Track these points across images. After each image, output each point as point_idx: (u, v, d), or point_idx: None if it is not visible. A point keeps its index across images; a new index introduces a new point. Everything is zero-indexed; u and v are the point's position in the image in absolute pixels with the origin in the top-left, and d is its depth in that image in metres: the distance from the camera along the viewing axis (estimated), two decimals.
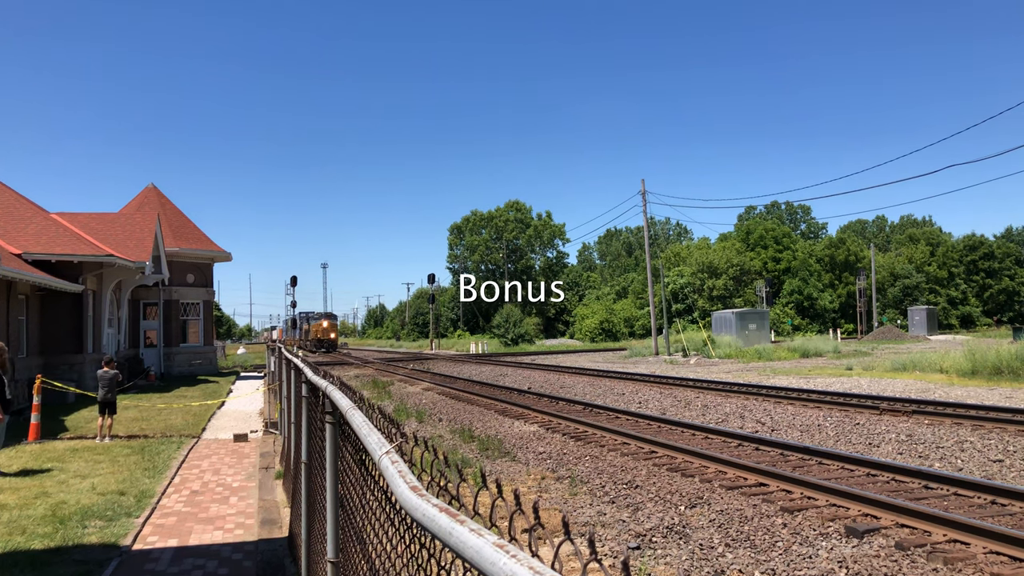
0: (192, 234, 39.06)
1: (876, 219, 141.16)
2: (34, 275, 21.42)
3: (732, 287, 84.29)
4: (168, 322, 36.95)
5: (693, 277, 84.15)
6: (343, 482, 3.23)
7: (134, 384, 28.56)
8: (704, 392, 23.29)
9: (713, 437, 14.30)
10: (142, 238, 29.67)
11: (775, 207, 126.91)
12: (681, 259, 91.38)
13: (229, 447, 14.82)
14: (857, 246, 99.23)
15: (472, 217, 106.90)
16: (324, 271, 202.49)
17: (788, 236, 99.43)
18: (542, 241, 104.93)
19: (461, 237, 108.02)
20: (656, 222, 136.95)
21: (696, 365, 38.76)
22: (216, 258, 39.93)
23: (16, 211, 26.26)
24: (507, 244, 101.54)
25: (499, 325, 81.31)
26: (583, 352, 62.32)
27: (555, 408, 19.68)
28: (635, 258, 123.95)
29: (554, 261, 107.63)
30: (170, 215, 38.50)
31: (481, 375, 34.50)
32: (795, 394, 20.88)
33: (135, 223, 31.10)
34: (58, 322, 25.15)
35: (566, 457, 13.03)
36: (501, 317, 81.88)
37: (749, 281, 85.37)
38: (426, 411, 20.42)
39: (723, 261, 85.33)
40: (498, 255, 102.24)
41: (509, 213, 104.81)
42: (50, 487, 10.61)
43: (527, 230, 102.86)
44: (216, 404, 22.61)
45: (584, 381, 29.23)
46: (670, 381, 26.80)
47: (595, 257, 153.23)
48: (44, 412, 16.19)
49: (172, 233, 37.04)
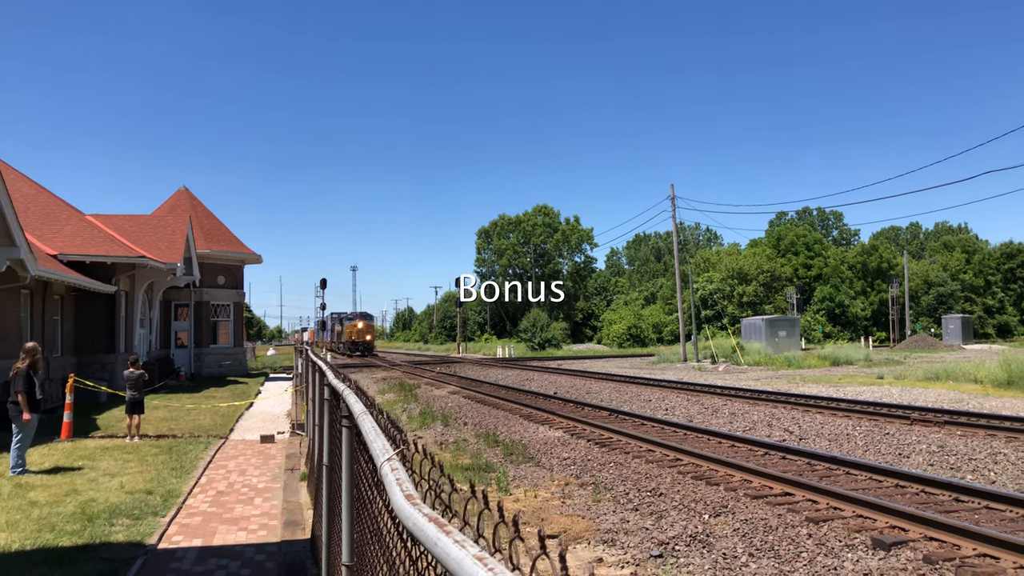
0: (223, 236, 39.54)
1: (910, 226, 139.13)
2: (69, 276, 21.79)
3: (762, 294, 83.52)
4: (199, 323, 37.41)
5: (723, 283, 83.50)
6: (359, 486, 3.25)
7: (164, 384, 28.94)
8: (732, 399, 23.08)
9: (740, 445, 14.17)
10: (174, 240, 30.09)
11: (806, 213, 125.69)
12: (711, 265, 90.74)
13: (256, 448, 14.96)
14: (890, 253, 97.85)
15: (500, 221, 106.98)
16: (354, 274, 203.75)
17: (819, 242, 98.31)
18: (570, 246, 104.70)
19: (489, 241, 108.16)
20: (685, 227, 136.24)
21: (724, 372, 38.45)
22: (247, 260, 40.37)
23: (53, 213, 26.77)
24: (534, 248, 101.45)
25: (526, 329, 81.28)
26: (610, 358, 62.07)
27: (580, 414, 19.63)
28: (664, 263, 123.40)
29: (582, 266, 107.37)
30: (202, 217, 39.02)
31: (507, 379, 34.50)
32: (824, 403, 20.64)
33: (167, 225, 31.54)
34: (91, 322, 25.59)
35: (590, 463, 12.99)
36: (528, 321, 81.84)
37: (779, 288, 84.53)
38: (452, 415, 20.47)
39: (753, 267, 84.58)
40: (525, 259, 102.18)
41: (537, 217, 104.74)
42: (80, 485, 10.78)
43: (555, 235, 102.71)
44: (244, 405, 22.83)
45: (610, 387, 29.11)
46: (698, 388, 26.61)
47: (623, 262, 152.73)
48: (76, 411, 16.46)
49: (203, 235, 37.52)
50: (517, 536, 0.92)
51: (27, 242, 18.06)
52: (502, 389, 28.16)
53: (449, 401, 24.70)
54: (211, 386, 30.63)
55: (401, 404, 23.74)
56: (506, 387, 28.88)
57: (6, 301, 20.11)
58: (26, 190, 26.98)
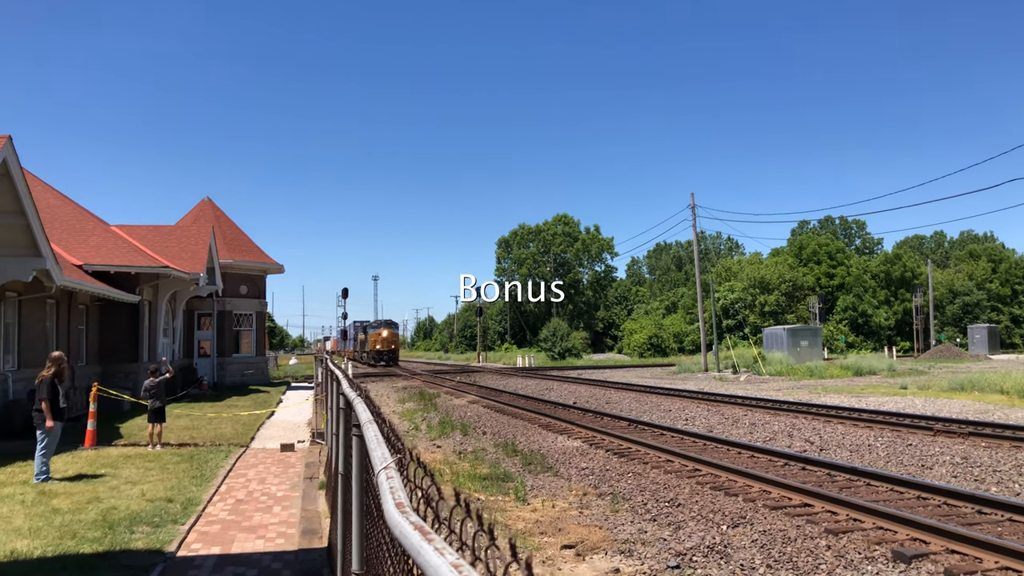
0: (246, 247, 39.89)
1: (934, 234, 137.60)
2: (94, 286, 22.09)
3: (784, 303, 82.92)
4: (221, 332, 37.73)
5: (744, 292, 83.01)
6: (368, 494, 3.27)
7: (187, 393, 29.19)
8: (752, 410, 22.93)
9: (759, 456, 14.07)
10: (197, 250, 30.40)
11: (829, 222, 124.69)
12: (732, 274, 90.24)
13: (276, 456, 15.05)
14: (914, 262, 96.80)
15: (520, 231, 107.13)
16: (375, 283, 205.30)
17: (842, 251, 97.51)
18: (590, 255, 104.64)
19: (509, 250, 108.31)
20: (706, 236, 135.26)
21: (746, 382, 38.20)
22: (269, 270, 40.70)
23: (79, 224, 27.15)
24: (555, 258, 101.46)
25: (546, 339, 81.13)
26: (631, 367, 61.85)
27: (599, 424, 19.58)
28: (685, 272, 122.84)
29: (602, 275, 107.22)
30: (224, 228, 39.40)
31: (527, 389, 34.47)
32: (846, 413, 20.46)
33: (191, 235, 31.89)
34: (115, 331, 25.89)
35: (609, 473, 12.95)
36: (548, 331, 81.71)
37: (802, 297, 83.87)
38: (471, 424, 20.48)
39: (775, 276, 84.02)
40: (545, 268, 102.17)
41: (557, 227, 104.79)
42: (102, 492, 10.90)
43: (575, 244, 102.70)
44: (265, 414, 22.98)
45: (630, 397, 29.01)
46: (718, 398, 26.46)
47: (644, 271, 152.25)
48: (100, 419, 16.64)
49: (226, 246, 37.87)
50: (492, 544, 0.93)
51: (53, 252, 18.32)
52: (521, 399, 28.15)
53: (469, 410, 24.72)
54: (233, 395, 30.86)
55: (421, 413, 23.78)
56: (525, 396, 28.87)
57: (32, 311, 20.40)
58: (52, 201, 27.39)
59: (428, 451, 16.15)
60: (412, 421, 21.80)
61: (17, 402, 18.07)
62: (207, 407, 24.88)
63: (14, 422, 17.41)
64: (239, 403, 26.95)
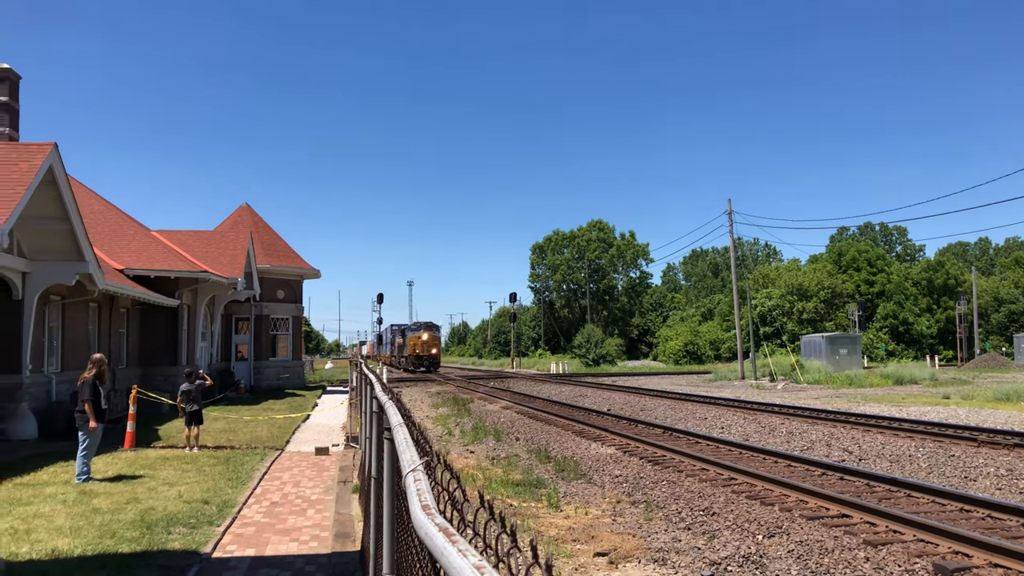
0: (283, 252, 40.38)
1: (979, 241, 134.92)
2: (135, 290, 22.51)
3: (823, 310, 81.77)
4: (258, 336, 38.19)
5: (782, 299, 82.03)
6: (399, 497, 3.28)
7: (224, 396, 29.58)
8: (790, 418, 22.64)
9: (796, 465, 13.87)
10: (235, 255, 30.83)
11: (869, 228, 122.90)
12: (770, 281, 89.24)
13: (310, 460, 15.18)
14: (957, 269, 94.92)
15: (554, 236, 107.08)
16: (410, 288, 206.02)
17: (882, 258, 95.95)
18: (625, 261, 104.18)
19: (543, 256, 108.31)
20: (744, 242, 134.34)
21: (783, 391, 37.74)
22: (305, 275, 41.14)
23: (121, 229, 27.71)
24: (589, 264, 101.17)
25: (580, 345, 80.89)
26: (666, 375, 61.42)
27: (634, 431, 19.48)
28: (722, 279, 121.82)
29: (637, 281, 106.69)
30: (262, 233, 39.91)
31: (560, 395, 34.40)
32: (886, 422, 20.11)
33: (229, 241, 32.36)
34: (155, 335, 26.33)
35: (643, 481, 12.86)
36: (582, 337, 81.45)
37: (841, 304, 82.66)
38: (504, 429, 20.48)
39: (814, 283, 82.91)
40: (579, 275, 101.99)
41: (591, 232, 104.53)
42: (141, 493, 11.08)
43: (610, 250, 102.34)
44: (301, 417, 23.20)
45: (665, 404, 28.80)
46: (755, 406, 26.16)
47: (680, 278, 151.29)
48: (139, 421, 16.94)
49: (264, 251, 38.36)
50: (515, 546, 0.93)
51: (95, 257, 18.72)
52: (555, 405, 28.09)
53: (502, 416, 24.72)
54: (269, 398, 31.20)
55: (454, 418, 23.84)
56: (559, 403, 28.80)
57: (75, 314, 20.85)
58: (95, 207, 27.98)
59: (461, 456, 16.17)
60: (445, 426, 21.86)
61: (60, 403, 18.48)
62: (243, 410, 25.19)
63: (57, 423, 17.80)
64: (275, 406, 27.25)
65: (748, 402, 27.74)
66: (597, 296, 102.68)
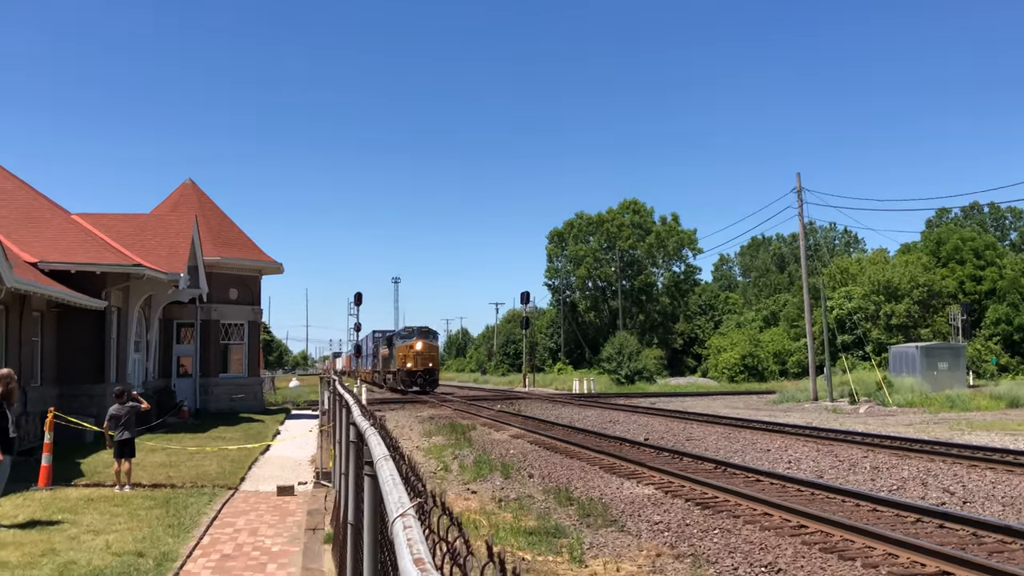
0: (236, 240, 40.45)
1: None
2: (50, 288, 22.60)
3: (917, 314, 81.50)
4: (206, 347, 38.29)
5: (865, 300, 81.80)
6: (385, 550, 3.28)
7: (163, 422, 29.70)
8: (875, 450, 22.66)
9: (883, 509, 13.88)
10: (176, 245, 30.94)
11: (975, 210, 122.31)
12: (850, 276, 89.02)
13: (271, 502, 15.25)
14: None
15: (577, 221, 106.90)
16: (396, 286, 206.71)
17: (992, 248, 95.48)
18: (667, 252, 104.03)
19: (563, 246, 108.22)
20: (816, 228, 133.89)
21: (867, 415, 37.69)
22: (265, 269, 41.25)
23: (33, 212, 27.84)
24: (621, 255, 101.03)
25: (610, 357, 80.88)
26: (719, 395, 61.39)
27: (678, 466, 19.53)
28: (789, 275, 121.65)
29: (682, 278, 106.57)
30: (211, 217, 39.97)
31: (585, 421, 34.43)
32: (997, 455, 20.08)
33: (169, 226, 32.47)
34: (77, 345, 26.41)
35: (689, 529, 12.88)
36: (613, 347, 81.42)
37: (940, 306, 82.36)
38: (514, 464, 20.52)
39: (905, 280, 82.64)
40: (609, 269, 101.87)
41: (624, 215, 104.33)
42: (59, 543, 11.14)
43: (647, 237, 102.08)
44: (259, 448, 23.29)
45: (718, 432, 28.82)
46: (831, 435, 26.17)
47: (736, 273, 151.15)
48: (57, 453, 17.03)
49: (212, 239, 38.43)
50: None
51: (1, 247, 18.80)
52: (578, 433, 28.13)
53: (511, 447, 24.78)
54: (220, 424, 31.33)
55: (451, 450, 23.90)
56: (583, 431, 28.85)
57: None
58: (3, 184, 28.15)
59: (460, 497, 16.21)
60: (440, 460, 21.91)
61: None
62: (187, 439, 25.30)
63: None
64: (227, 435, 27.35)
65: (822, 429, 27.75)
66: (631, 296, 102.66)
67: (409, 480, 2.04)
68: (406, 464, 2.25)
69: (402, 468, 2.25)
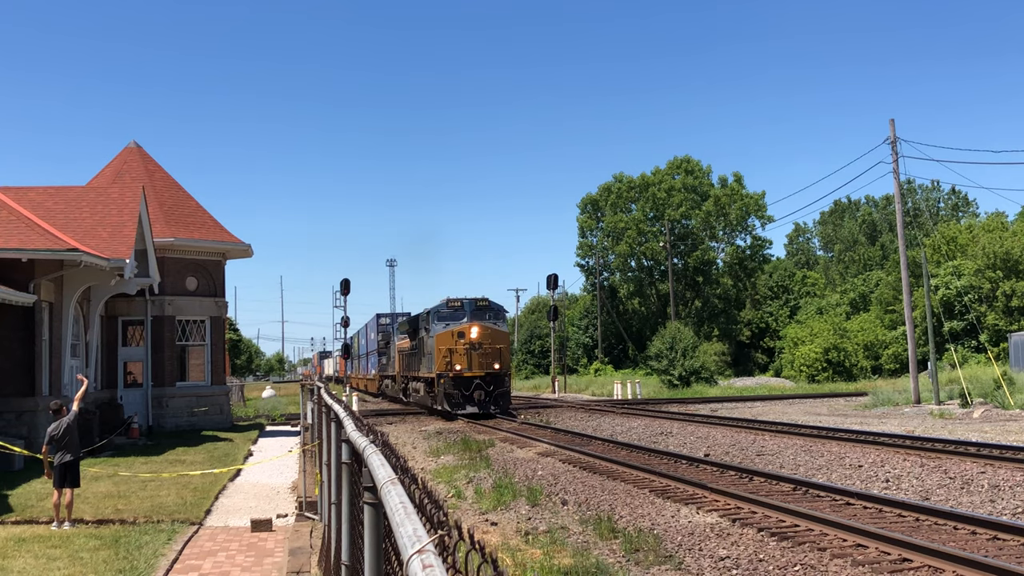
0: (195, 217, 40.39)
1: None
2: None
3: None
4: (159, 350, 38.28)
5: (978, 277, 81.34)
6: None
7: (109, 443, 29.85)
8: (994, 464, 22.53)
9: (1006, 537, 13.83)
10: (120, 223, 30.93)
11: None
12: (959, 248, 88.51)
13: (245, 539, 15.31)
14: None
15: (616, 185, 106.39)
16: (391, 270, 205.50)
17: None
18: (728, 222, 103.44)
19: (598, 217, 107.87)
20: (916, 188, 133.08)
21: (982, 420, 37.47)
22: (229, 253, 41.23)
23: None
24: (672, 226, 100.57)
25: (660, 355, 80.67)
26: (796, 398, 61.16)
27: (747, 488, 19.48)
28: (882, 247, 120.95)
29: (747, 253, 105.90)
30: (161, 189, 39.90)
31: (630, 433, 34.40)
32: None
33: (110, 201, 32.44)
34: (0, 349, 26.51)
35: (763, 566, 12.88)
36: (663, 342, 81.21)
37: None
38: (542, 488, 20.52)
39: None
40: (656, 244, 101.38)
41: (674, 177, 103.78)
42: None
43: (704, 203, 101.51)
44: (228, 474, 23.39)
45: (796, 445, 28.74)
46: (937, 446, 26.04)
47: (815, 246, 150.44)
48: None
49: (164, 216, 38.40)
50: None
51: None
52: (622, 449, 28.12)
53: (539, 467, 24.77)
54: (178, 445, 31.44)
55: (465, 472, 23.94)
56: (628, 446, 28.83)
57: None
58: None
59: (477, 530, 16.22)
60: (451, 484, 21.96)
61: None
62: (139, 463, 25.42)
63: None
64: (187, 457, 27.47)
65: (927, 439, 27.58)
66: (685, 277, 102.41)
67: (425, 508, 2.04)
68: (420, 488, 2.26)
69: (414, 493, 2.26)
